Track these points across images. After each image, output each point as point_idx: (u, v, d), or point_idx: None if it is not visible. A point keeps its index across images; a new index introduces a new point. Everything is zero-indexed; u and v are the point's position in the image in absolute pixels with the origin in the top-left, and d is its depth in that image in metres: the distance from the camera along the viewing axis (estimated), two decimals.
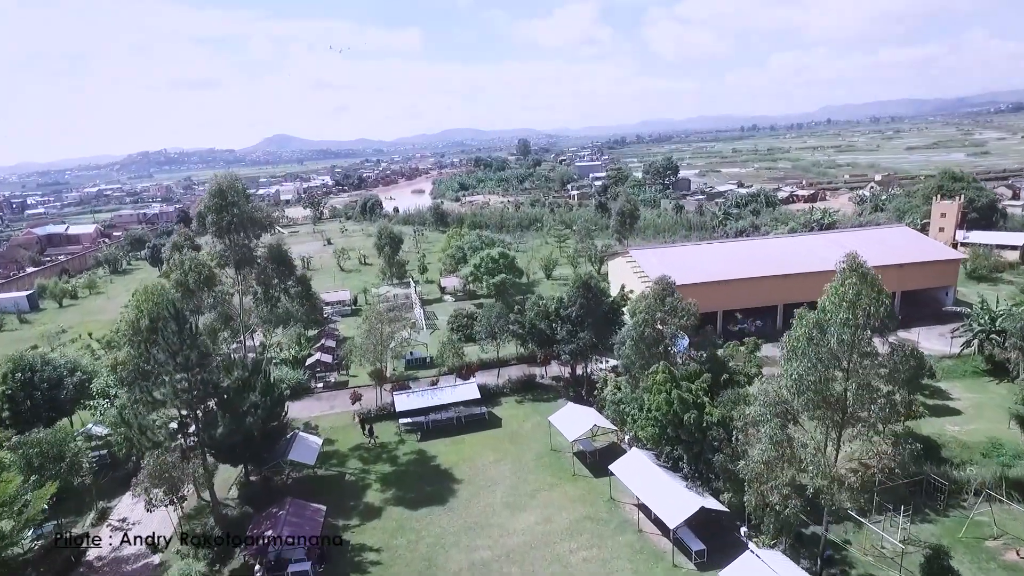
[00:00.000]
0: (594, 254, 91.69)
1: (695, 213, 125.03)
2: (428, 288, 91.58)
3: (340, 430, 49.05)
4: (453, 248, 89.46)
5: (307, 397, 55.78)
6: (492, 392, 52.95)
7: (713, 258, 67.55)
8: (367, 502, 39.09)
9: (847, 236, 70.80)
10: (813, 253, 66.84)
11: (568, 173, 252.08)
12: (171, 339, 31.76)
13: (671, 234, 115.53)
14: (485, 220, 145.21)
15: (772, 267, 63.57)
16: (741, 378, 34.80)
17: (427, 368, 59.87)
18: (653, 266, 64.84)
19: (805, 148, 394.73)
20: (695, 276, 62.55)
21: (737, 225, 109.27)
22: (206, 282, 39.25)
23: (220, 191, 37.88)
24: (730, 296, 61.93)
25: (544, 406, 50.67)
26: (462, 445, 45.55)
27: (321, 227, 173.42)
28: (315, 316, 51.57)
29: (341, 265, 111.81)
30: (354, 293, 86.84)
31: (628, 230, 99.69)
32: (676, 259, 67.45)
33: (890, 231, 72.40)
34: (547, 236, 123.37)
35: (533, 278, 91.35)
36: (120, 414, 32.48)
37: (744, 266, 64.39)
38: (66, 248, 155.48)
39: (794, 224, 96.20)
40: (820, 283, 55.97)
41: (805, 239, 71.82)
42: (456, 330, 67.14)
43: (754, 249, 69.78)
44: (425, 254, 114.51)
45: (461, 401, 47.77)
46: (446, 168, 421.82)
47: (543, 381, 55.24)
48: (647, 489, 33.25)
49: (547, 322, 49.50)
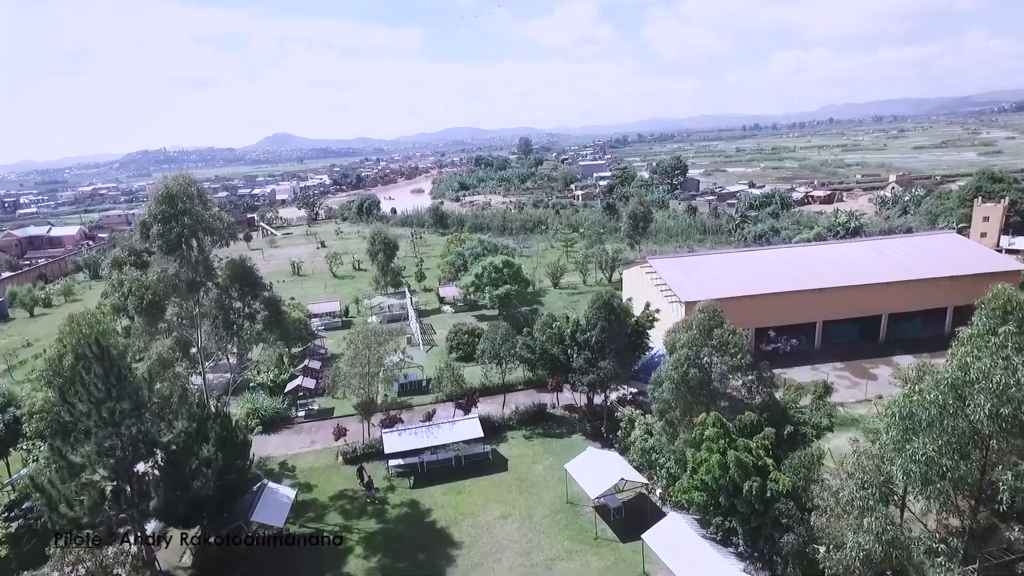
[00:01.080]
0: (605, 260, 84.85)
1: (709, 215, 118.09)
2: (426, 297, 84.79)
3: (320, 472, 42.26)
4: (453, 255, 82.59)
5: (286, 429, 48.99)
6: (496, 425, 46.20)
7: (740, 269, 60.74)
8: (347, 574, 32.34)
9: (888, 244, 63.98)
10: (853, 263, 60.09)
11: (571, 172, 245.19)
12: (94, 385, 25.01)
13: (684, 238, 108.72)
14: (486, 222, 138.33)
15: (809, 279, 56.76)
16: (808, 431, 28.04)
17: (423, 393, 53.12)
18: (674, 277, 58.12)
19: (810, 147, 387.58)
20: (723, 289, 55.75)
21: (756, 229, 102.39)
22: (149, 309, 32.34)
23: (168, 196, 30.68)
24: (763, 312, 55.16)
25: (557, 443, 43.94)
26: (462, 495, 38.76)
27: (316, 228, 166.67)
28: (288, 342, 44.55)
29: (334, 271, 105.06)
30: (345, 303, 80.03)
31: (640, 234, 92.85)
32: (699, 269, 60.71)
33: (936, 238, 65.55)
34: (553, 240, 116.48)
35: (539, 286, 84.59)
36: (32, 479, 25.74)
37: (777, 278, 57.58)
38: (48, 251, 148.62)
39: (819, 229, 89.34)
40: (865, 298, 48.47)
41: (841, 247, 64.98)
42: (456, 348, 60.47)
43: (785, 258, 62.97)
44: (423, 259, 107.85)
45: (462, 441, 40.99)
46: (446, 167, 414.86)
47: (555, 412, 48.46)
48: (692, 568, 26.53)
49: (561, 347, 42.69)
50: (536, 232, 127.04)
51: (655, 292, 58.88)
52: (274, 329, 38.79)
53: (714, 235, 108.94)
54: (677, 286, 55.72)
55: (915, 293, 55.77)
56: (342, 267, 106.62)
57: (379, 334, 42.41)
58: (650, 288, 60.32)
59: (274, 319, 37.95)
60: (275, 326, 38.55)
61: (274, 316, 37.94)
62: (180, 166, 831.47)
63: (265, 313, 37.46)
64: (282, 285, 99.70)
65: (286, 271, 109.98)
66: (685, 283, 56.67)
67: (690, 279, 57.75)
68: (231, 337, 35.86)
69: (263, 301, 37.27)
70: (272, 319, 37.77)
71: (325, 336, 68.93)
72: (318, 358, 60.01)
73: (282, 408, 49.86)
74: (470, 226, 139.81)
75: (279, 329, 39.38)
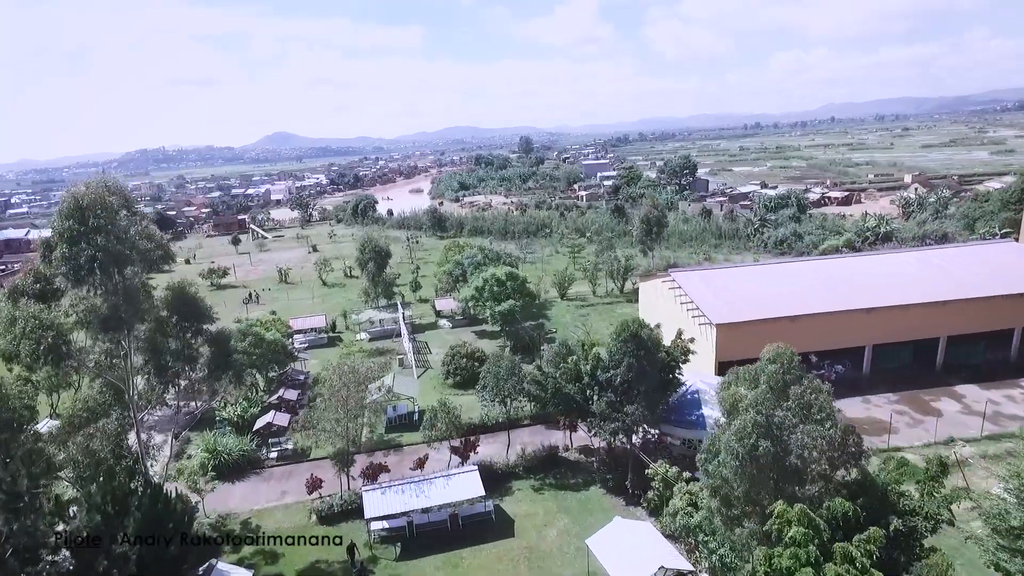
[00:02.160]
0: (617, 269, 77.75)
1: (725, 219, 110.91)
2: (421, 309, 77.76)
3: (290, 535, 35.24)
4: (451, 263, 75.53)
5: (253, 475, 42.01)
6: (500, 473, 39.24)
7: (774, 284, 53.77)
8: None
9: (939, 255, 56.94)
10: (902, 277, 53.08)
11: (574, 172, 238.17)
12: None
13: (699, 243, 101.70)
14: (487, 225, 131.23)
15: (855, 297, 49.70)
16: (920, 523, 21.08)
17: (414, 430, 46.12)
18: (701, 294, 51.07)
19: (815, 146, 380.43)
20: (758, 309, 48.84)
21: (776, 234, 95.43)
22: (49, 354, 25.23)
23: (77, 209, 23.37)
24: (805, 336, 48.04)
25: (572, 498, 36.96)
26: (459, 569, 31.77)
27: (310, 230, 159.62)
28: (242, 386, 37.31)
29: (323, 278, 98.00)
30: (332, 317, 72.97)
31: (654, 240, 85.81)
32: (728, 284, 53.70)
33: (995, 248, 58.46)
34: (558, 244, 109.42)
35: (545, 297, 77.51)
36: None
37: (818, 296, 50.55)
38: (27, 254, 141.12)
39: (849, 235, 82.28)
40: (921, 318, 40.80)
41: (885, 258, 57.91)
42: (453, 373, 53.49)
43: (823, 272, 55.97)
44: (419, 266, 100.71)
45: (458, 501, 34.00)
46: (446, 167, 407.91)
47: (568, 455, 41.47)
48: None
49: (578, 386, 35.67)
50: (540, 236, 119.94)
51: (679, 310, 51.89)
52: (222, 373, 31.58)
53: (731, 240, 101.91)
54: (706, 305, 48.70)
55: (979, 313, 48.75)
56: (332, 274, 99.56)
57: (358, 372, 35.36)
58: (672, 306, 53.32)
59: (222, 360, 30.71)
60: (223, 369, 31.32)
61: (222, 357, 30.71)
62: (179, 165, 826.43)
63: (211, 352, 30.29)
64: (266, 294, 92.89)
65: (273, 278, 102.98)
66: (714, 301, 49.65)
67: (719, 296, 50.72)
68: (165, 386, 28.77)
69: (208, 338, 30.10)
70: (219, 360, 30.52)
71: (307, 358, 61.78)
72: (296, 385, 52.96)
73: (249, 450, 42.87)
74: (470, 229, 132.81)
75: (229, 372, 32.16)
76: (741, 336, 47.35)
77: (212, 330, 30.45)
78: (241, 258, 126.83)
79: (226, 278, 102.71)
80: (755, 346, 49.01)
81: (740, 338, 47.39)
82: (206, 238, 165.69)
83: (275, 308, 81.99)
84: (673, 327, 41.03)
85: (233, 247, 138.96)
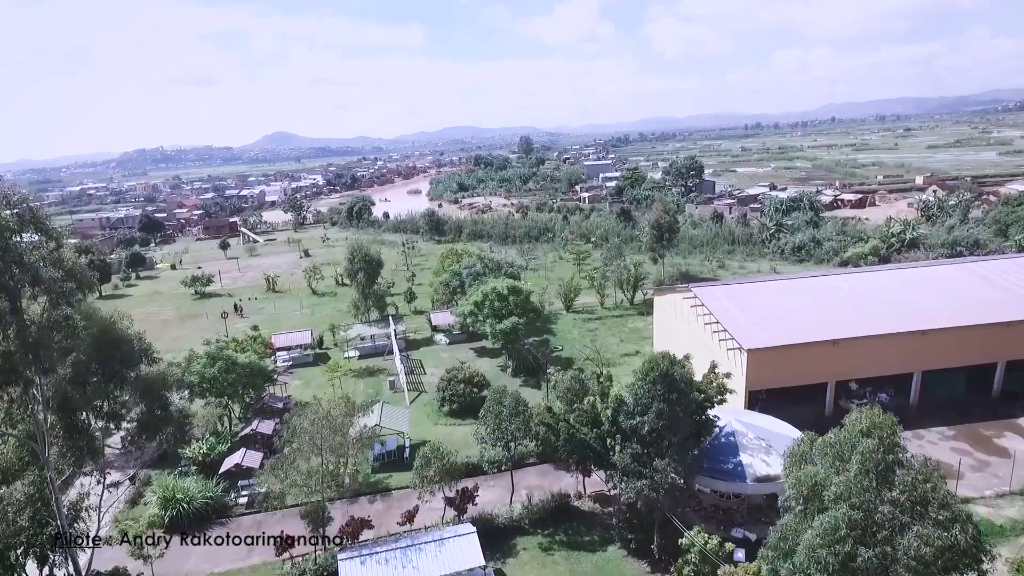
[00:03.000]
0: (627, 279, 72.13)
1: (738, 223, 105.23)
2: (417, 322, 72.18)
3: None
4: (448, 274, 69.91)
5: (217, 525, 36.39)
6: (501, 528, 33.70)
7: (806, 301, 48.18)
8: None
9: (991, 267, 51.26)
10: (951, 292, 47.53)
11: (576, 173, 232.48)
12: None
13: (711, 249, 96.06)
14: (487, 230, 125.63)
15: (902, 317, 44.12)
16: None
17: (404, 468, 40.50)
18: (728, 313, 45.42)
19: (818, 147, 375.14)
20: (793, 331, 43.23)
21: (793, 240, 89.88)
22: None
23: None
24: (847, 361, 42.66)
25: (587, 561, 31.40)
26: None
27: (303, 234, 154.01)
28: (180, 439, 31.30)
29: (313, 286, 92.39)
30: (320, 332, 67.36)
31: (665, 246, 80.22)
32: (755, 302, 48.10)
33: None
34: (561, 250, 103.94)
35: (549, 309, 71.95)
36: None
37: (859, 315, 44.95)
38: None
39: (875, 242, 76.73)
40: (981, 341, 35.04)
41: (929, 272, 52.23)
42: (449, 400, 47.94)
43: (860, 286, 50.36)
44: (415, 274, 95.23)
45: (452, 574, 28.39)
46: (445, 167, 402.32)
47: (581, 505, 35.88)
48: None
49: (596, 432, 30.08)
50: (542, 241, 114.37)
51: (701, 331, 46.32)
52: (157, 432, 25.83)
53: (744, 246, 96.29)
54: (734, 326, 43.09)
55: None
56: (323, 282, 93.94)
57: (334, 418, 29.81)
58: (693, 325, 47.75)
59: (156, 417, 24.85)
60: (159, 426, 25.52)
61: (157, 411, 24.82)
62: (177, 165, 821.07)
63: (142, 406, 24.49)
64: (252, 304, 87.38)
65: (260, 286, 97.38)
66: (743, 322, 44.08)
67: (748, 316, 45.15)
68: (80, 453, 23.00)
69: (138, 388, 24.23)
70: (152, 417, 24.67)
71: (289, 379, 56.11)
72: (275, 413, 47.29)
73: (215, 496, 37.23)
74: (469, 233, 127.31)
75: (167, 430, 26.39)
76: (774, 362, 41.90)
77: (144, 373, 24.56)
78: (229, 263, 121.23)
79: (210, 286, 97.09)
80: (789, 373, 43.81)
81: (773, 364, 41.94)
82: (195, 241, 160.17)
83: (259, 321, 76.50)
84: (695, 350, 35.60)
85: (222, 251, 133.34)
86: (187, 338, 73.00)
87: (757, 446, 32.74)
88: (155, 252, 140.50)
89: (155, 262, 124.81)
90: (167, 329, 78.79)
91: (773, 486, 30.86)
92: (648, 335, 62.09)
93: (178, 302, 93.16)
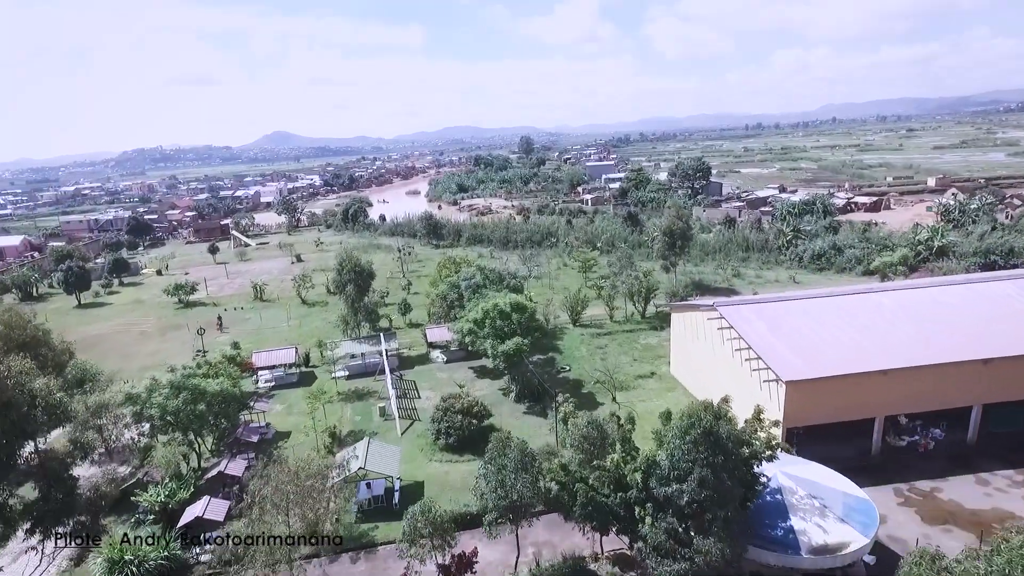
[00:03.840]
0: (638, 290, 66.86)
1: (752, 228, 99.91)
2: (411, 337, 66.88)
3: None
4: (446, 285, 64.64)
5: None
6: None
7: (847, 320, 42.84)
8: None
9: None
10: (1011, 312, 42.29)
11: (578, 174, 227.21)
12: None
13: (724, 256, 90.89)
14: (487, 234, 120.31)
15: (959, 341, 38.93)
16: None
17: (393, 518, 35.24)
18: (760, 336, 40.18)
19: (821, 147, 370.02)
20: (835, 359, 37.93)
21: (812, 246, 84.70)
22: None
23: None
24: (897, 392, 37.49)
25: None
26: None
27: (296, 237, 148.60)
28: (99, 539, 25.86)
29: (302, 296, 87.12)
30: (306, 348, 62.16)
31: (678, 254, 75.04)
32: (789, 322, 42.68)
33: None
34: (566, 256, 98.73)
35: (555, 323, 66.79)
36: None
37: (909, 339, 39.75)
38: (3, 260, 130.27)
39: (903, 250, 71.51)
40: None
41: (982, 289, 46.84)
42: (445, 433, 42.72)
43: (904, 303, 45.07)
44: (411, 282, 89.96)
45: None
46: (444, 167, 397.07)
47: (598, 570, 30.65)
48: None
49: (621, 496, 24.87)
50: (545, 246, 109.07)
51: (729, 357, 41.19)
52: (56, 522, 20.59)
53: (759, 252, 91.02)
54: (769, 353, 37.89)
55: None
56: (313, 290, 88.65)
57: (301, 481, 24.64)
58: (720, 350, 42.62)
59: (56, 503, 19.61)
60: (59, 515, 20.32)
61: (58, 495, 19.55)
62: (176, 164, 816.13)
63: (39, 489, 19.17)
64: (237, 314, 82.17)
65: (248, 294, 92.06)
66: (778, 347, 38.86)
67: (782, 340, 39.88)
68: None
69: (34, 467, 18.97)
70: (50, 503, 19.40)
71: (268, 405, 50.78)
72: (247, 450, 41.97)
73: (175, 553, 31.98)
74: (468, 238, 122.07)
75: (71, 519, 21.19)
76: (816, 395, 36.76)
77: (43, 448, 19.43)
78: (218, 269, 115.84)
79: (195, 294, 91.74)
80: (833, 408, 37.89)
81: (815, 398, 36.79)
82: (185, 245, 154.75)
83: (241, 335, 71.28)
84: (721, 379, 30.67)
85: (211, 256, 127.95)
86: (166, 352, 67.88)
87: (809, 507, 27.52)
88: (142, 257, 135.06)
89: (140, 267, 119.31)
90: (145, 343, 73.62)
91: (832, 559, 25.70)
92: (663, 353, 56.98)
93: (160, 312, 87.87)
